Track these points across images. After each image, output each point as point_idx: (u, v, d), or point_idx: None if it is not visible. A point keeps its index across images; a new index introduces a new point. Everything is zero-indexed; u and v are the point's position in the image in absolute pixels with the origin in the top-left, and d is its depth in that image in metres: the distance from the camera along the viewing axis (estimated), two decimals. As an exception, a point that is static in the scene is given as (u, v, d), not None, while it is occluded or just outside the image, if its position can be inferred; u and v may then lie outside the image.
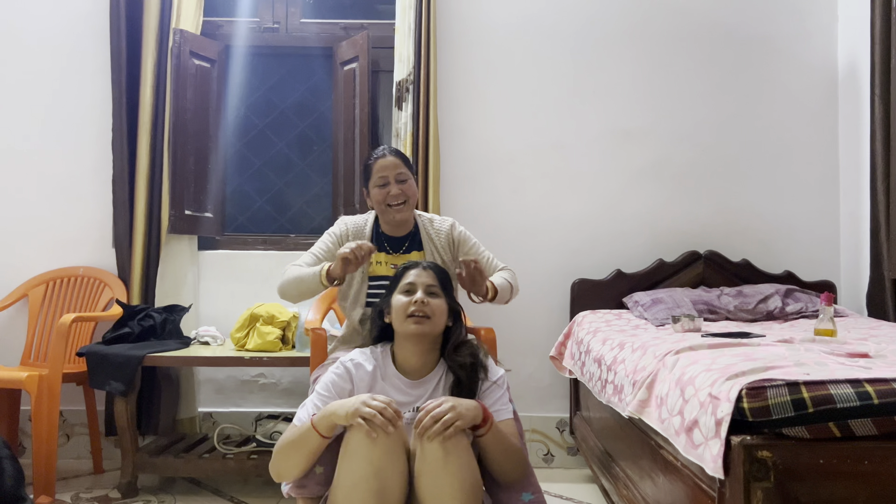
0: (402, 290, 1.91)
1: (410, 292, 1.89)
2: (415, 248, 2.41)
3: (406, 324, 1.86)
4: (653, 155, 3.39)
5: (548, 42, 3.40)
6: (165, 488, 2.96)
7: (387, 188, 2.34)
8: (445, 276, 1.98)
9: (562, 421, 3.35)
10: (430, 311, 1.86)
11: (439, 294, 1.91)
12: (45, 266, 3.34)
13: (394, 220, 2.38)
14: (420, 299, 1.86)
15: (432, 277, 1.93)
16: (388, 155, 2.38)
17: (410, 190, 2.38)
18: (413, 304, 1.85)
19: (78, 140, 3.36)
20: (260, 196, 3.67)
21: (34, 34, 3.38)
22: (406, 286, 1.91)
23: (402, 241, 2.41)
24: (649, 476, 2.01)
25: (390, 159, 2.36)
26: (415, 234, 2.43)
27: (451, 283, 2.03)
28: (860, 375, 1.47)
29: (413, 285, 1.90)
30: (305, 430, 1.75)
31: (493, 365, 1.96)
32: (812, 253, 3.37)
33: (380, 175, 2.35)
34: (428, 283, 1.91)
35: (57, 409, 2.81)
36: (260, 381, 3.38)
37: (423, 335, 1.87)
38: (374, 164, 2.38)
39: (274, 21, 3.53)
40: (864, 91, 3.14)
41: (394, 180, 2.34)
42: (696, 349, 1.94)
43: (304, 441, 1.74)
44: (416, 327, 1.85)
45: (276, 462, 1.80)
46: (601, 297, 3.27)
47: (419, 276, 1.92)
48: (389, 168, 2.35)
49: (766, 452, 1.38)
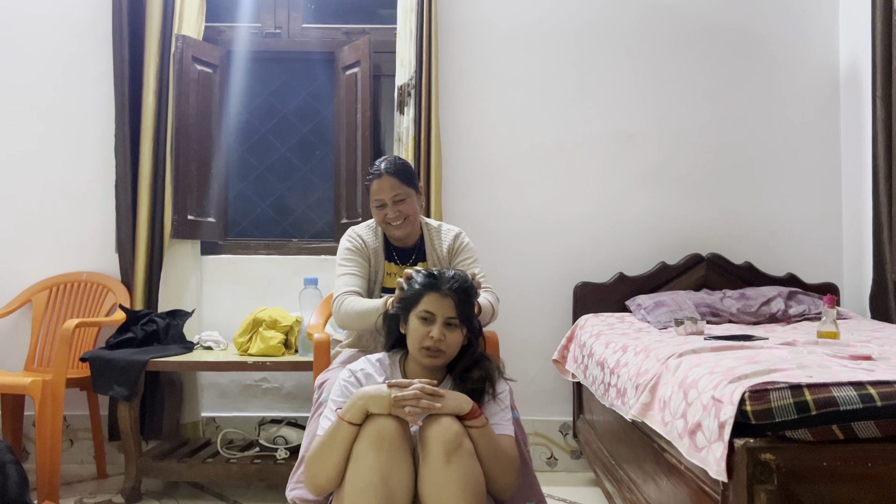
0: (419, 315, 1.87)
1: (428, 321, 1.85)
2: (420, 260, 2.42)
3: (419, 354, 1.87)
4: (655, 157, 3.39)
5: (549, 45, 3.41)
6: (169, 493, 2.97)
7: (384, 210, 2.33)
8: (466, 300, 1.89)
9: (565, 424, 3.35)
10: (445, 346, 1.85)
11: (457, 325, 1.87)
12: (48, 271, 3.35)
13: (394, 236, 2.38)
14: (437, 337, 1.83)
15: (452, 308, 1.86)
16: (385, 174, 2.32)
17: (409, 209, 2.33)
18: (429, 338, 1.84)
19: (81, 146, 3.38)
20: (262, 200, 3.67)
21: (37, 40, 3.39)
22: (424, 313, 1.86)
23: (410, 252, 2.42)
24: (653, 479, 2.01)
25: (386, 181, 2.31)
26: (420, 245, 2.43)
27: (472, 303, 1.93)
28: (863, 378, 1.47)
29: (432, 317, 1.85)
30: (334, 427, 1.74)
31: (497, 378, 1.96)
32: (815, 255, 3.36)
33: (376, 198, 2.33)
34: (448, 315, 1.85)
35: (60, 414, 2.82)
36: (263, 385, 3.39)
37: (436, 368, 1.89)
38: (371, 185, 2.35)
39: (276, 26, 3.54)
40: (866, 92, 3.14)
41: (390, 202, 2.31)
42: (698, 352, 1.94)
43: (336, 437, 1.73)
44: (428, 361, 1.86)
45: (313, 471, 1.76)
46: (604, 300, 3.27)
47: (440, 305, 1.85)
48: (384, 191, 2.31)
49: (769, 455, 1.38)
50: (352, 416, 1.73)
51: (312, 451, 1.78)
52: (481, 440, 1.76)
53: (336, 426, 1.74)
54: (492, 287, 2.44)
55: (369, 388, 1.77)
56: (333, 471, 1.73)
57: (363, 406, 1.73)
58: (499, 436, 1.83)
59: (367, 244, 2.40)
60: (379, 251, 2.39)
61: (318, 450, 1.76)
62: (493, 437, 1.80)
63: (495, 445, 1.79)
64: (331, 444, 1.73)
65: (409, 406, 1.70)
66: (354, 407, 1.73)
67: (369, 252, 2.39)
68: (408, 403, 1.70)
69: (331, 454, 1.73)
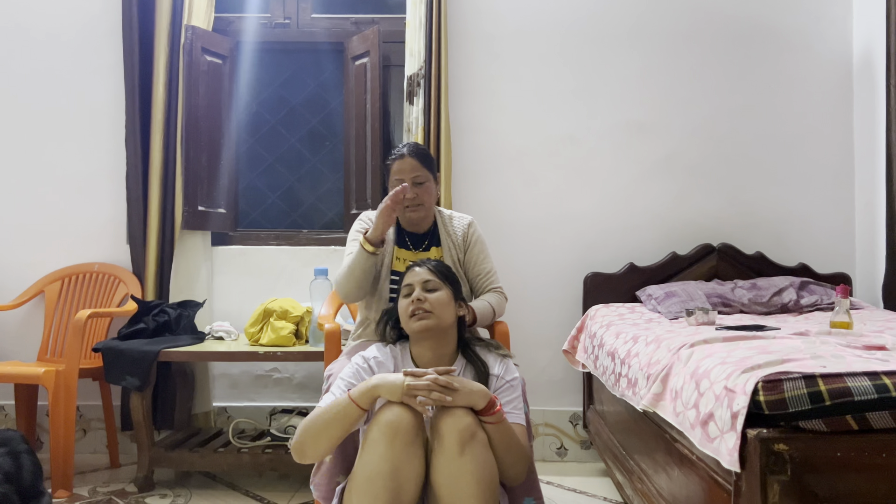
0: (404, 294, 1.97)
1: (409, 294, 1.94)
2: (434, 245, 2.43)
3: (410, 323, 1.92)
4: (665, 148, 3.37)
5: (559, 35, 3.38)
6: (181, 482, 2.99)
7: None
8: (445, 268, 2.02)
9: (575, 415, 3.35)
10: (430, 305, 1.90)
11: (439, 287, 1.95)
12: (60, 263, 3.37)
13: (408, 219, 2.40)
14: (416, 297, 1.91)
15: (428, 273, 1.97)
16: (408, 156, 2.37)
17: (427, 193, 2.38)
18: (412, 303, 1.91)
19: (91, 137, 3.39)
20: (272, 192, 3.68)
21: (47, 32, 3.40)
22: (406, 289, 1.97)
23: (423, 237, 2.43)
24: (664, 469, 2.00)
25: (409, 161, 2.36)
26: (434, 231, 2.44)
27: (455, 274, 2.06)
28: (877, 368, 1.46)
29: (410, 286, 1.96)
30: (343, 405, 1.74)
31: (512, 365, 1.98)
32: (827, 245, 3.34)
33: (396, 177, 2.37)
34: (424, 279, 1.95)
35: (73, 404, 2.84)
36: (274, 375, 3.40)
37: (429, 329, 1.90)
38: (393, 165, 2.39)
39: (285, 17, 3.54)
40: (880, 81, 3.11)
41: (410, 182, 2.34)
42: (710, 342, 1.94)
43: (342, 415, 1.74)
44: (419, 324, 1.90)
45: (304, 439, 1.76)
46: (614, 290, 3.26)
47: (415, 275, 1.98)
48: (406, 171, 2.36)
49: (782, 445, 1.38)
50: (361, 398, 1.73)
51: (312, 421, 1.77)
52: (496, 433, 1.76)
53: (343, 403, 1.74)
54: (501, 287, 2.46)
55: (385, 375, 1.78)
56: (326, 444, 1.75)
57: (375, 392, 1.73)
58: (511, 424, 1.83)
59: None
60: (389, 235, 2.40)
61: (317, 418, 1.76)
62: (509, 430, 1.80)
63: (510, 437, 1.79)
64: (332, 418, 1.74)
65: (420, 396, 1.70)
66: (367, 392, 1.74)
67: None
68: (420, 393, 1.70)
69: (329, 427, 1.74)
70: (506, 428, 1.79)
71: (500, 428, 1.77)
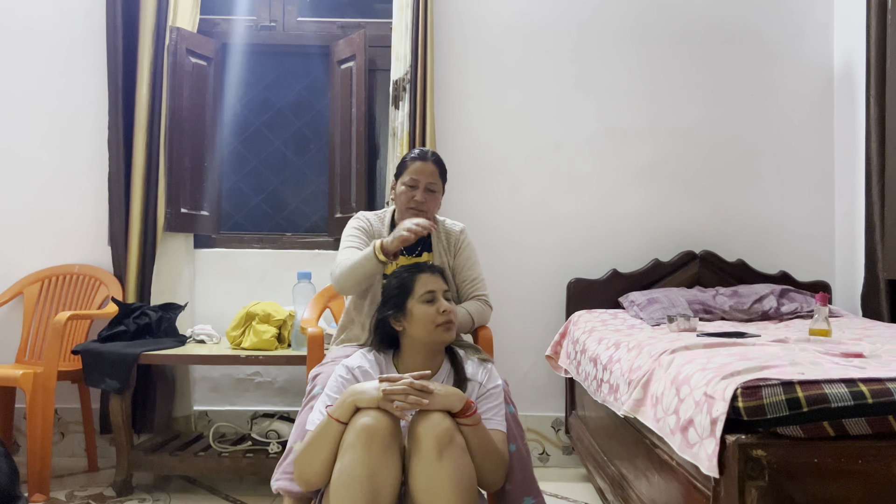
0: (422, 300, 1.92)
1: (432, 301, 1.92)
2: (426, 250, 2.45)
3: (435, 333, 1.90)
4: (649, 155, 3.40)
5: (544, 41, 3.40)
6: (160, 486, 2.96)
7: (414, 191, 2.38)
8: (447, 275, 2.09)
9: (557, 420, 3.36)
10: (454, 316, 1.94)
11: (452, 295, 2.00)
12: (40, 264, 3.33)
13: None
14: (447, 308, 1.92)
15: (443, 281, 1.99)
16: (429, 160, 2.41)
17: (434, 202, 2.42)
18: (441, 313, 1.91)
19: (74, 138, 3.36)
20: (256, 194, 3.66)
21: (30, 32, 3.37)
22: (426, 295, 1.93)
23: (417, 243, 2.42)
24: (644, 475, 2.01)
25: (429, 166, 2.40)
26: (427, 237, 2.45)
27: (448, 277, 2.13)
28: (855, 375, 1.48)
29: (433, 294, 1.93)
30: (325, 425, 1.75)
31: (494, 372, 1.98)
32: (807, 253, 3.38)
33: (412, 177, 2.39)
34: (444, 288, 1.97)
35: (52, 406, 2.81)
36: (255, 379, 3.38)
37: (451, 339, 1.94)
38: (411, 164, 2.41)
39: (271, 19, 3.53)
40: (860, 91, 3.15)
41: (423, 187, 2.37)
42: (691, 349, 1.95)
43: (327, 435, 1.74)
44: (447, 335, 1.92)
45: (301, 468, 1.77)
46: (597, 296, 3.27)
47: (437, 282, 1.96)
48: (424, 174, 2.39)
49: (760, 451, 1.39)
50: (340, 413, 1.73)
51: (302, 447, 1.78)
52: (473, 437, 1.76)
53: (325, 424, 1.75)
54: (487, 295, 2.48)
55: (360, 385, 1.78)
56: (322, 467, 1.74)
57: (352, 403, 1.73)
58: (490, 430, 1.83)
59: (374, 228, 2.46)
60: (385, 237, 2.40)
61: (307, 447, 1.77)
62: (486, 434, 1.80)
63: (487, 442, 1.79)
64: (320, 442, 1.74)
65: (397, 401, 1.70)
66: (344, 405, 1.74)
67: (375, 235, 2.43)
68: (396, 398, 1.70)
69: (319, 451, 1.74)
70: (483, 433, 1.79)
71: (478, 432, 1.77)
